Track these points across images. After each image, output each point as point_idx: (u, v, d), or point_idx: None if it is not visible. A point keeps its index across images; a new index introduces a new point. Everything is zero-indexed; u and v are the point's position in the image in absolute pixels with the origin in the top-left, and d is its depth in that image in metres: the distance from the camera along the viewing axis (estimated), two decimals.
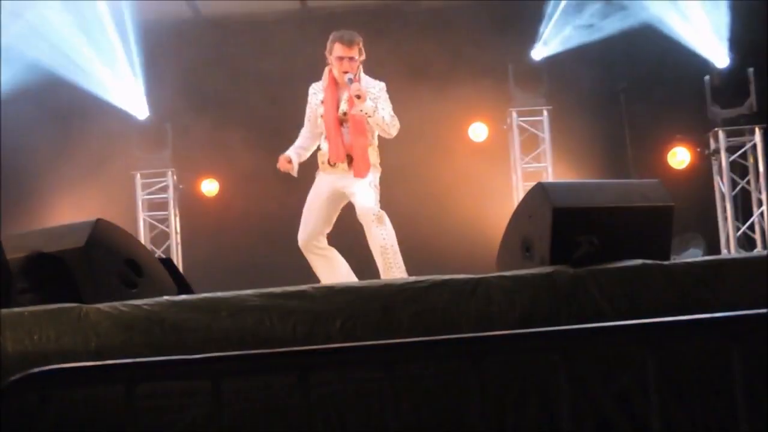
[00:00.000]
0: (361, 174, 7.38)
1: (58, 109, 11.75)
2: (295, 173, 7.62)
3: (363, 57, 7.56)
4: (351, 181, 7.44)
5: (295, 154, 7.67)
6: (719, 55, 11.69)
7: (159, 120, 12.21)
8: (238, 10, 12.26)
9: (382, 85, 7.57)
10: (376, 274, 7.28)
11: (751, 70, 11.35)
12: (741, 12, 11.53)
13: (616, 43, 11.69)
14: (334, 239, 7.70)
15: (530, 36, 12.04)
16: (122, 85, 12.09)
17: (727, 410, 3.85)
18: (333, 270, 7.53)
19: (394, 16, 11.94)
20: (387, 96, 7.52)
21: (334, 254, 7.62)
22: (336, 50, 7.49)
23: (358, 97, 7.27)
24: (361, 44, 7.54)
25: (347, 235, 7.77)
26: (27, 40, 11.52)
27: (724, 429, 3.88)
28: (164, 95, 12.01)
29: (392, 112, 7.47)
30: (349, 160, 7.43)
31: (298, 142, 7.78)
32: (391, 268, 7.24)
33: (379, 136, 7.55)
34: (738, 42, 11.59)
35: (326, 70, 7.62)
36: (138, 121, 12.22)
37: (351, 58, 7.47)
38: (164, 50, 11.90)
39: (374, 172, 7.48)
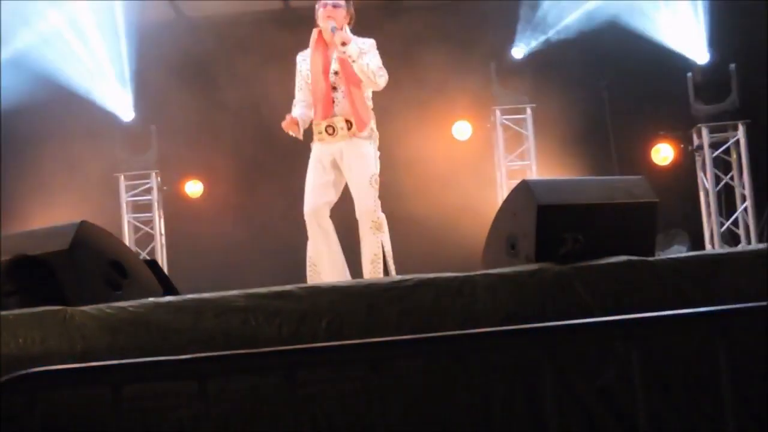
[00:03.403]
0: (361, 127, 7.14)
1: (41, 110, 11.72)
2: (300, 136, 7.27)
3: (352, 12, 7.32)
4: (352, 160, 7.18)
5: (300, 119, 7.27)
6: (701, 52, 11.72)
7: (143, 121, 12.19)
8: (221, 11, 12.25)
9: (372, 41, 7.29)
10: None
11: (732, 66, 11.40)
12: (721, 8, 11.57)
13: (598, 41, 11.71)
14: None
15: (512, 34, 12.05)
16: (106, 86, 12.07)
17: (713, 405, 3.86)
18: (330, 247, 7.19)
19: (377, 15, 11.92)
20: (377, 51, 7.25)
21: (333, 230, 7.25)
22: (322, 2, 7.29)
23: (344, 43, 7.05)
24: (349, 4, 7.30)
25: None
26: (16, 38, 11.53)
27: (711, 424, 3.89)
28: (148, 97, 11.99)
29: (380, 64, 7.20)
30: (349, 125, 7.16)
31: (298, 110, 7.38)
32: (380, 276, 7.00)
33: (373, 100, 7.35)
34: (719, 38, 11.63)
35: (314, 31, 7.33)
36: (121, 123, 12.21)
37: (335, 5, 7.22)
38: (147, 51, 11.87)
39: (374, 141, 7.25)
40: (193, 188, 12.61)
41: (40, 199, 11.66)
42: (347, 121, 7.18)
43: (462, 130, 12.44)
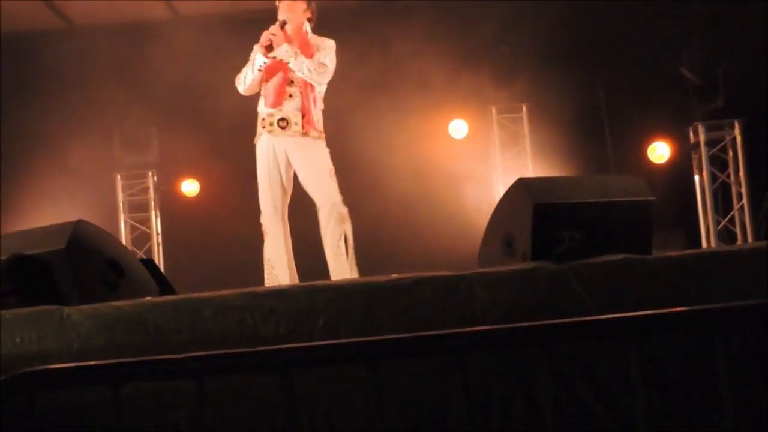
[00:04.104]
0: (313, 127, 7.05)
1: (38, 109, 11.73)
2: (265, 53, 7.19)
3: (313, 8, 7.29)
4: (306, 154, 7.06)
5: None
6: (696, 49, 11.72)
7: (140, 121, 12.18)
8: (215, 10, 12.23)
9: (331, 43, 7.18)
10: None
11: (727, 64, 11.40)
12: (719, 6, 11.57)
13: (595, 39, 11.72)
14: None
15: (508, 32, 12.04)
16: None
17: (711, 404, 3.86)
18: (288, 250, 7.08)
19: (374, 14, 11.92)
20: (332, 53, 7.14)
21: (288, 232, 7.18)
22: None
23: (270, 44, 7.02)
24: (311, 2, 7.25)
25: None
26: None
27: (709, 423, 3.89)
28: (144, 96, 11.98)
29: (325, 62, 7.07)
30: (303, 121, 7.03)
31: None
32: (350, 265, 6.89)
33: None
34: (717, 36, 11.63)
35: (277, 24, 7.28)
36: (119, 123, 12.20)
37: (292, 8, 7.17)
38: (143, 51, 11.86)
39: (323, 140, 7.13)
40: (190, 187, 12.60)
41: (37, 199, 11.65)
42: (303, 118, 7.05)
43: (458, 128, 12.42)
